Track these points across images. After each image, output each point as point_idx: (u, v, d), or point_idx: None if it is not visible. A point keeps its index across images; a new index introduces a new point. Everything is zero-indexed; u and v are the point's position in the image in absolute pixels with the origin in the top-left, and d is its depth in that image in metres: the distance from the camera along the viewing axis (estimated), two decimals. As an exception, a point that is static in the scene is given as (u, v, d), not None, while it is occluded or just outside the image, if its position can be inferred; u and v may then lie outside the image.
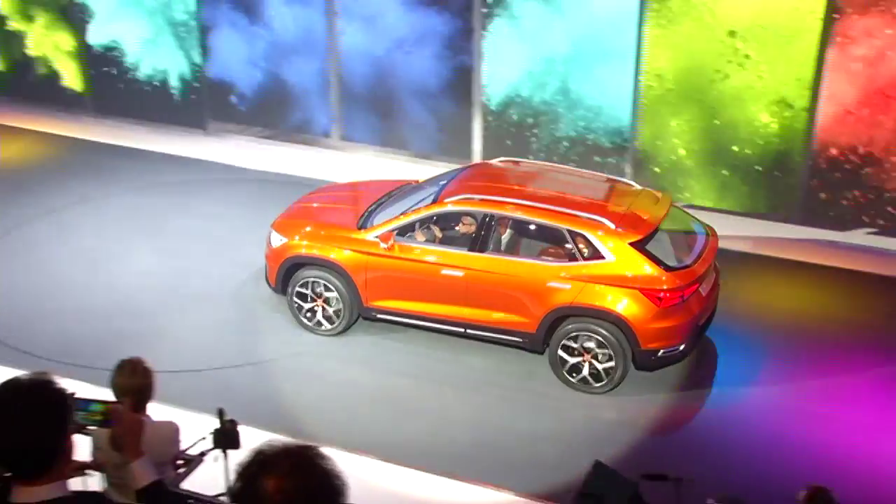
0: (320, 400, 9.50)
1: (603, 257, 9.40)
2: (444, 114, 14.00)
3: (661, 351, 9.45)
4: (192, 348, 10.23)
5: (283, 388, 9.67)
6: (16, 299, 11.02)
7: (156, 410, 6.01)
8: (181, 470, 5.99)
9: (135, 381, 5.79)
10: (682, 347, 9.50)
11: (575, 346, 9.57)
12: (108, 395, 5.61)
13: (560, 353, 9.66)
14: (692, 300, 9.47)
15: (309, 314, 10.45)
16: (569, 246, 9.63)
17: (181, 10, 14.71)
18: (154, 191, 13.61)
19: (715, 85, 12.46)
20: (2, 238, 12.24)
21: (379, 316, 10.29)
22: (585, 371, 9.61)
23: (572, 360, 9.64)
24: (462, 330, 10.04)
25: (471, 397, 9.61)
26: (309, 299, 10.40)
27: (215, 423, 6.10)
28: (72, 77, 15.75)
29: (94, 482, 5.83)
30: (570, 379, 9.70)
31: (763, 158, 12.53)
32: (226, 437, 6.03)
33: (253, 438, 3.65)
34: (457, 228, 10.34)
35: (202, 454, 6.12)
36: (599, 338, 9.45)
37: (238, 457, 5.16)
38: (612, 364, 9.49)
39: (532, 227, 10.07)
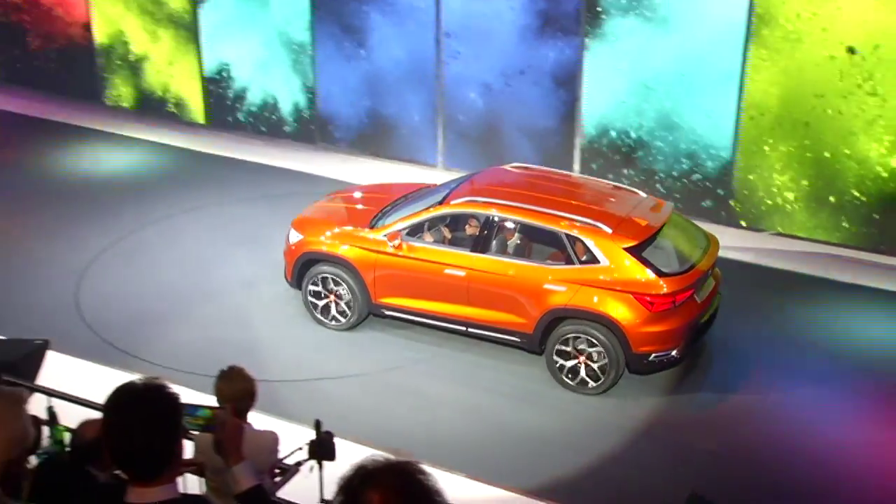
0: (414, 414, 9.59)
1: (598, 261, 9.64)
2: (546, 144, 13.97)
3: (653, 355, 9.61)
4: (291, 359, 10.41)
5: (378, 401, 9.78)
6: (126, 303, 11.39)
7: (254, 419, 6.17)
8: (277, 479, 6.11)
9: (237, 389, 5.91)
10: (674, 352, 9.65)
11: (568, 348, 9.77)
12: (210, 400, 5.79)
13: (555, 356, 9.87)
14: (685, 306, 9.62)
15: (323, 309, 10.82)
16: (566, 249, 9.83)
17: (295, 32, 15.04)
18: (263, 202, 13.95)
19: (826, 113, 12.19)
20: (116, 243, 12.67)
21: (387, 313, 10.63)
22: (583, 372, 9.80)
23: (569, 364, 9.83)
24: (464, 328, 10.34)
25: (570, 424, 9.61)
26: (322, 295, 10.78)
27: (312, 434, 6.20)
28: (191, 97, 16.22)
29: (192, 484, 6.00)
30: (567, 381, 9.89)
31: (880, 193, 12.23)
32: (322, 449, 6.11)
33: (348, 451, 3.74)
34: (465, 230, 10.60)
35: (298, 464, 6.23)
36: (592, 339, 9.64)
37: (333, 468, 5.29)
38: (606, 361, 9.67)
39: (532, 229, 10.27)
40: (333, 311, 10.80)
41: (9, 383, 5.83)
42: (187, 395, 4.40)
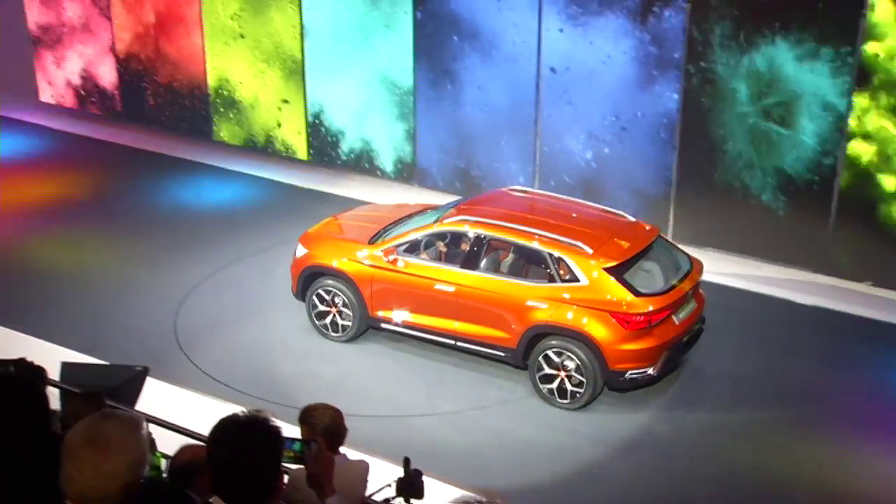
0: (503, 455, 9.55)
1: (578, 280, 10.07)
2: (643, 191, 13.86)
3: (630, 372, 9.99)
4: (378, 394, 10.49)
5: (467, 440, 9.77)
6: (222, 333, 11.61)
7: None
8: (366, 515, 6.12)
9: (326, 422, 5.96)
10: (650, 371, 10.04)
11: (556, 360, 10.12)
12: (297, 432, 5.86)
13: (536, 371, 10.26)
14: (663, 326, 10.00)
15: (327, 321, 11.34)
16: (549, 268, 10.25)
17: (398, 74, 15.24)
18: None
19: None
20: (215, 273, 12.93)
21: (383, 326, 11.09)
22: (568, 387, 10.14)
23: (552, 379, 10.20)
24: (452, 342, 10.74)
25: (650, 463, 9.47)
26: (324, 305, 11.31)
27: (400, 472, 6.21)
28: (295, 135, 16.55)
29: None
30: (547, 394, 10.27)
31: None
32: (410, 487, 6.09)
33: (436, 490, 3.75)
34: (460, 248, 10.97)
35: (386, 501, 6.24)
36: (572, 355, 10.01)
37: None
38: (580, 390, 10.09)
39: (519, 248, 10.65)
40: (338, 322, 11.31)
41: (110, 408, 5.97)
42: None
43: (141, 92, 17.87)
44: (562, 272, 10.18)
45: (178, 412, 8.80)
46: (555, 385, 10.24)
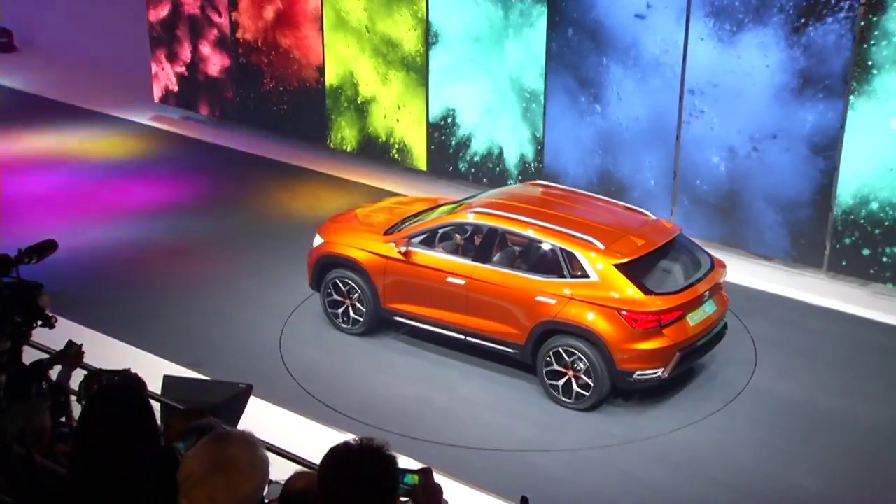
0: (626, 499, 9.43)
1: (588, 276, 10.44)
2: (795, 215, 13.53)
3: (637, 373, 10.31)
4: (493, 425, 10.46)
5: (588, 481, 9.67)
6: (328, 352, 11.78)
7: (453, 489, 6.20)
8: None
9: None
10: (660, 372, 10.36)
11: (567, 359, 10.47)
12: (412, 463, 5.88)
13: (544, 368, 10.64)
14: (675, 326, 10.33)
15: (339, 311, 11.95)
16: (559, 262, 10.63)
17: (528, 79, 15.26)
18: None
19: None
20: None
21: (395, 318, 11.67)
22: (575, 386, 10.50)
23: (557, 367, 10.56)
24: (463, 337, 11.18)
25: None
26: (339, 295, 11.89)
27: (515, 512, 6.19)
28: (414, 143, 16.71)
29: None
30: (554, 393, 10.65)
31: None
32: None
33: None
34: (474, 241, 11.45)
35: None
36: (579, 353, 10.36)
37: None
38: (586, 393, 10.47)
39: (530, 242, 11.10)
40: (350, 314, 11.90)
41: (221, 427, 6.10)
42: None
43: (255, 94, 18.30)
44: (572, 267, 10.57)
45: (282, 435, 8.93)
46: (561, 383, 10.62)
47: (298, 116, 17.93)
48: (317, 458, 4.01)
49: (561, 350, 10.55)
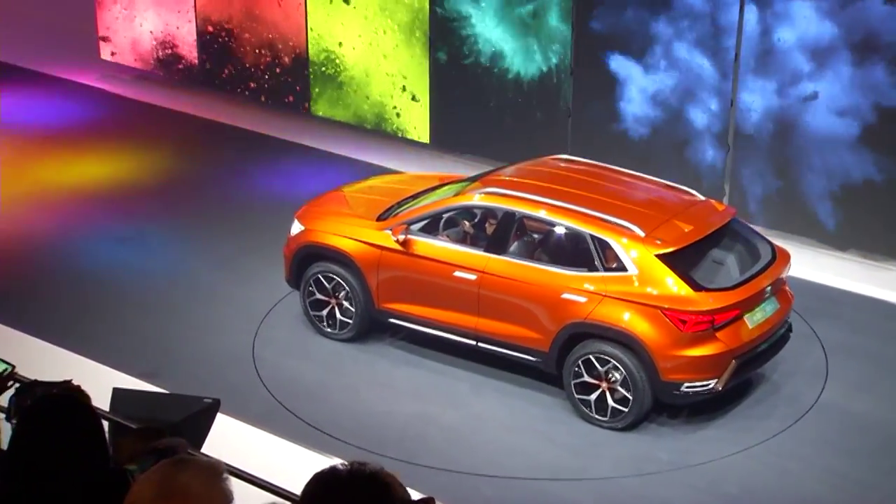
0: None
1: (626, 269, 10.35)
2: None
3: (686, 384, 10.23)
4: (511, 449, 10.46)
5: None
6: (309, 361, 11.78)
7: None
8: None
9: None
10: (712, 384, 10.29)
11: (600, 368, 10.38)
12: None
13: (572, 379, 10.54)
14: (730, 328, 10.27)
15: (323, 313, 11.85)
16: (591, 253, 10.53)
17: (549, 42, 15.19)
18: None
19: None
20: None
21: (391, 321, 11.58)
22: (594, 396, 10.47)
23: (588, 379, 10.45)
24: (473, 343, 11.12)
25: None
26: (323, 294, 11.81)
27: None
28: (414, 113, 16.61)
29: None
30: (585, 410, 10.58)
31: None
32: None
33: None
34: (487, 227, 11.36)
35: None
36: (614, 362, 10.27)
37: None
38: (623, 409, 10.36)
39: (555, 229, 11.03)
40: (336, 316, 11.81)
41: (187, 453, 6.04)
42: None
43: (223, 51, 18.23)
44: (606, 259, 10.49)
45: (255, 459, 8.87)
46: (593, 397, 10.54)
47: (275, 78, 17.85)
48: (297, 487, 3.96)
49: (592, 358, 10.46)
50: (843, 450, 10.47)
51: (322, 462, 3.90)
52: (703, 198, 11.60)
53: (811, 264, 13.43)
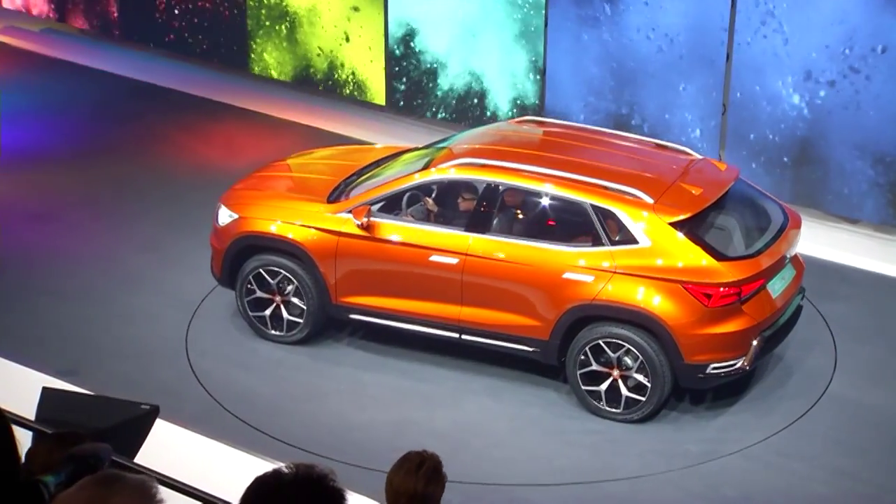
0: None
1: (636, 241, 10.46)
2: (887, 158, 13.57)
3: (712, 366, 10.35)
4: (519, 454, 10.54)
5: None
6: (251, 354, 11.80)
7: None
8: None
9: (418, 486, 6.02)
10: (739, 363, 10.44)
11: (611, 355, 10.45)
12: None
13: (578, 369, 10.56)
14: (755, 300, 10.42)
15: (266, 313, 11.68)
16: (594, 226, 10.58)
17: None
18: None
19: None
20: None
21: (352, 316, 11.52)
22: (604, 386, 10.56)
23: (602, 383, 10.52)
24: (456, 336, 11.05)
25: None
26: (264, 291, 11.62)
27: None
28: (368, 70, 16.64)
29: None
30: (594, 402, 10.64)
31: None
32: None
33: None
34: (458, 204, 11.33)
35: None
36: (629, 346, 10.35)
37: None
38: (640, 397, 10.46)
39: (548, 201, 11.04)
40: (283, 315, 11.66)
41: (118, 465, 6.15)
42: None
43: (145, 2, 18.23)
44: (611, 231, 10.55)
45: (192, 467, 8.96)
46: (604, 387, 10.62)
47: (210, 31, 17.83)
48: (238, 496, 4.03)
49: (602, 343, 10.55)
50: (850, 448, 10.58)
51: (268, 468, 3.98)
52: (699, 156, 11.73)
53: (816, 238, 13.30)
